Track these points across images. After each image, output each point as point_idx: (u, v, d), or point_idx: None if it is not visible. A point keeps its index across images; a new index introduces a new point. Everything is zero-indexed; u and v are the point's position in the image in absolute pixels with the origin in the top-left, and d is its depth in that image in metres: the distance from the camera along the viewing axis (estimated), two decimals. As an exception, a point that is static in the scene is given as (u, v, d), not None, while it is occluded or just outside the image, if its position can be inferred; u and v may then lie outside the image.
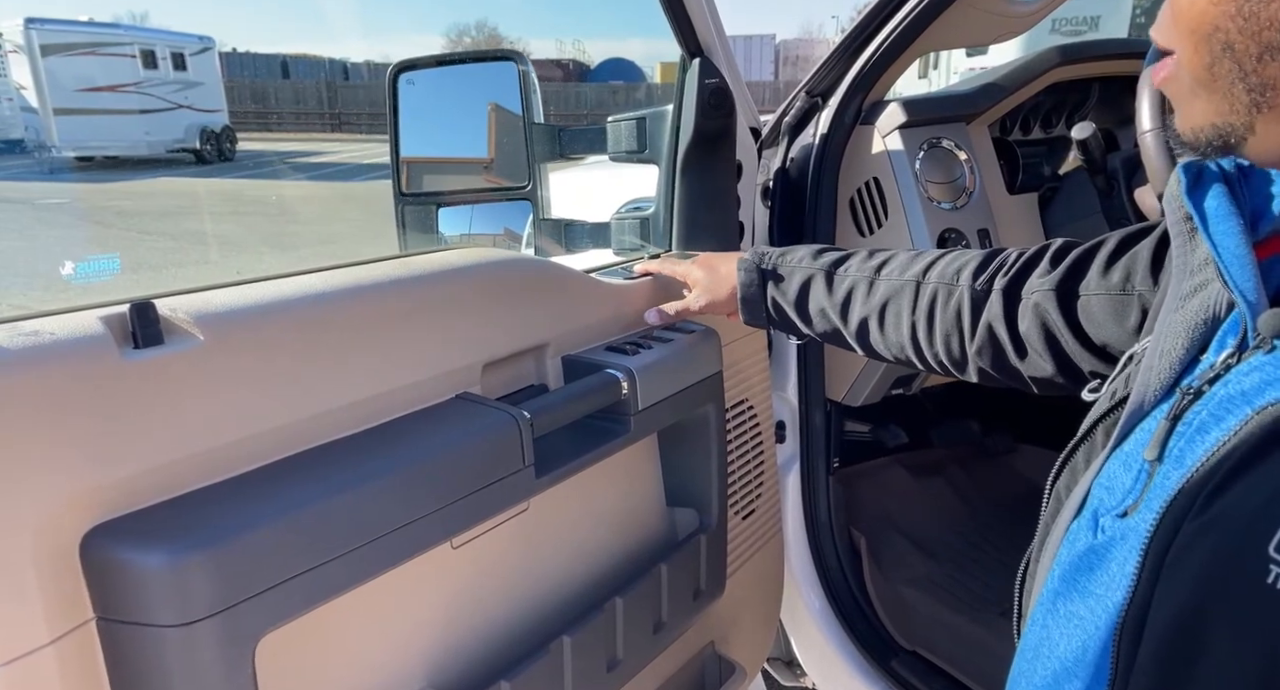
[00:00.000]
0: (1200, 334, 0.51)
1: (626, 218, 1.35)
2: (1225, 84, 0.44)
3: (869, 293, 0.92)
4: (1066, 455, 0.61)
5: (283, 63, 31.36)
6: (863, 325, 0.93)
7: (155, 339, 0.59)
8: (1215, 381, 0.47)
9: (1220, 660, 0.40)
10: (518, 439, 0.77)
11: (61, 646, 0.53)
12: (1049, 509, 0.61)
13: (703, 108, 1.18)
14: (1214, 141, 0.46)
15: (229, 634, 0.56)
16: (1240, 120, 0.44)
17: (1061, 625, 0.51)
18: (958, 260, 0.89)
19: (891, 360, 0.95)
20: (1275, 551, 0.38)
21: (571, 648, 0.85)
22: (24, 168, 14.57)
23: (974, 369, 0.87)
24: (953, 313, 0.86)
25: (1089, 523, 0.52)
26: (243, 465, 0.63)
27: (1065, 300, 0.77)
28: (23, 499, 0.52)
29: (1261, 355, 0.45)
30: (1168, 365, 0.52)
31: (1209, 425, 0.45)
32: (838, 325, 0.95)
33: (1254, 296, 0.46)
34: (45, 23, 15.02)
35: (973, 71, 8.41)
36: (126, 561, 0.53)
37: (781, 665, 1.64)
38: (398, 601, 0.74)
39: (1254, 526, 0.39)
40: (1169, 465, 0.47)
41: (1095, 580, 0.49)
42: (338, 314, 0.72)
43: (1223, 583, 0.41)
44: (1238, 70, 0.43)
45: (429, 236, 1.26)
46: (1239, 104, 0.44)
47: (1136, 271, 0.72)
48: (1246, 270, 0.47)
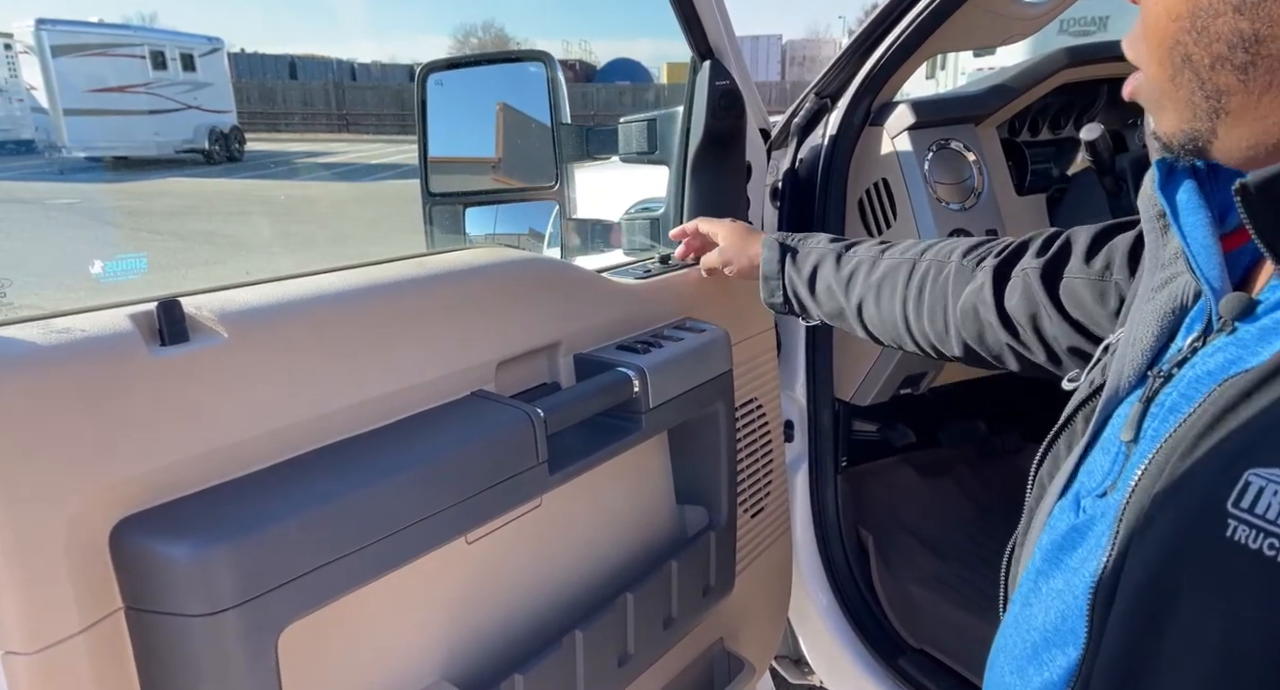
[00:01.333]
0: (1170, 322, 0.55)
1: (637, 218, 1.36)
2: (1186, 93, 0.48)
3: (870, 271, 0.98)
4: (1049, 443, 0.64)
5: (291, 63, 31.44)
6: (861, 303, 0.98)
7: (181, 336, 0.61)
8: (1183, 364, 0.50)
9: (1186, 617, 0.42)
10: (532, 436, 0.79)
11: (91, 635, 0.55)
12: (1033, 495, 0.63)
13: (713, 109, 1.19)
14: (1186, 145, 0.49)
15: (253, 624, 0.57)
16: (1204, 125, 0.48)
17: (1042, 600, 0.53)
18: (954, 243, 0.95)
19: (886, 343, 0.99)
20: (1233, 507, 0.40)
21: (583, 642, 0.86)
22: (34, 168, 14.65)
23: (957, 343, 0.91)
24: (941, 285, 0.92)
25: (1071, 504, 0.55)
26: (266, 460, 0.64)
27: (1050, 280, 0.82)
28: (56, 491, 0.53)
29: (1224, 337, 0.48)
30: (1140, 352, 0.55)
31: (1180, 405, 0.48)
32: (842, 303, 1.00)
33: (1218, 283, 0.49)
34: (55, 24, 15.10)
35: (981, 72, 8.39)
36: (155, 552, 0.55)
37: (789, 663, 1.65)
38: (414, 595, 0.75)
39: (1215, 487, 0.41)
40: (1144, 444, 0.49)
41: (1075, 556, 0.52)
42: (356, 312, 0.73)
43: (1186, 542, 0.43)
44: (1196, 80, 0.47)
45: (456, 236, 1.27)
46: (1200, 111, 0.47)
47: (1115, 261, 0.77)
48: (1212, 259, 0.50)
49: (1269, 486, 0.39)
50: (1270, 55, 0.44)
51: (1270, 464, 0.40)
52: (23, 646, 0.52)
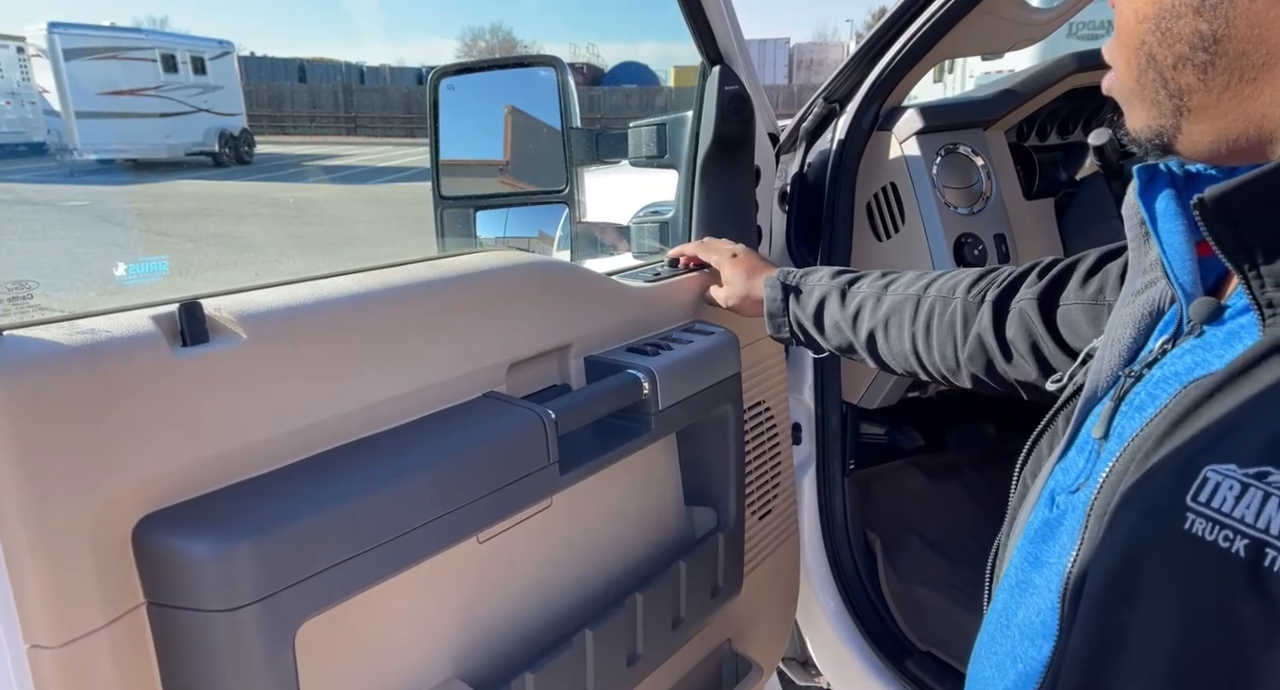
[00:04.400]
0: (1145, 325, 0.57)
1: (646, 221, 1.37)
2: (1152, 91, 0.50)
3: (875, 307, 1.00)
4: (1032, 443, 0.66)
5: (300, 66, 31.59)
6: (870, 337, 1.00)
7: (202, 337, 0.62)
8: (1154, 364, 0.52)
9: (1148, 607, 0.44)
10: (543, 437, 0.80)
11: (114, 629, 0.56)
12: (1016, 494, 0.66)
13: (722, 114, 1.20)
14: (1153, 140, 0.52)
15: (272, 619, 0.58)
16: (1169, 122, 0.50)
17: (1020, 597, 0.55)
18: (956, 276, 0.97)
19: (900, 372, 1.01)
20: (1192, 502, 0.42)
21: (593, 641, 0.87)
22: (47, 170, 14.76)
23: (967, 375, 0.93)
24: (948, 322, 0.93)
25: (1047, 501, 0.57)
26: (284, 459, 0.65)
27: (1047, 309, 0.84)
28: (81, 488, 0.54)
29: (1193, 340, 0.50)
30: (1116, 354, 0.57)
31: (1146, 403, 0.50)
32: (850, 338, 1.02)
33: (1191, 288, 0.51)
34: (68, 27, 15.22)
35: (989, 76, 8.37)
36: (177, 549, 0.56)
37: (797, 665, 1.65)
38: (426, 593, 0.76)
39: (1176, 483, 0.43)
40: (1112, 442, 0.52)
41: (1049, 551, 0.54)
42: (371, 314, 0.74)
43: (1149, 535, 0.45)
44: (1160, 79, 0.49)
45: (467, 239, 1.29)
46: (1165, 108, 0.50)
47: (1108, 283, 0.80)
48: (1186, 264, 0.52)
49: (1225, 481, 0.41)
50: (1227, 54, 0.46)
51: (1226, 460, 0.41)
52: (48, 640, 0.53)
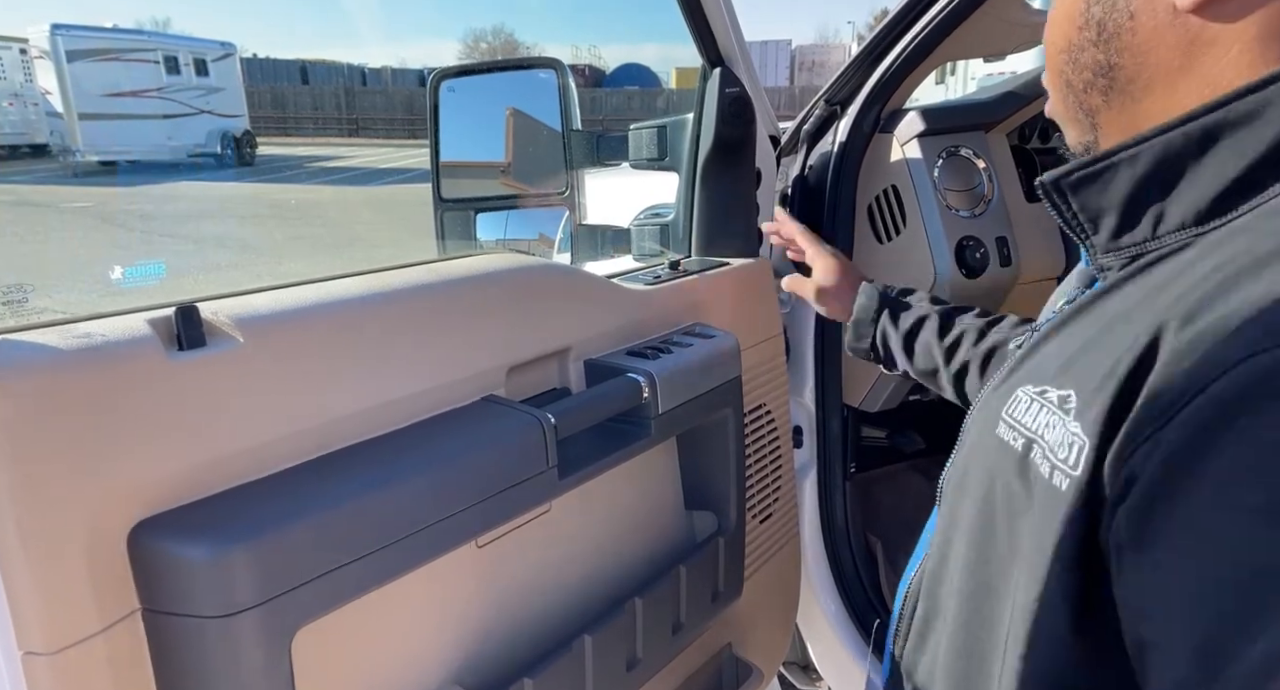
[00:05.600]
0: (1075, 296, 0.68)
1: (646, 224, 1.37)
2: (1073, 112, 0.59)
3: (977, 341, 1.00)
4: None
5: (302, 68, 31.65)
6: (963, 369, 1.01)
7: (198, 341, 0.62)
8: None
9: (970, 493, 0.58)
10: (542, 441, 0.79)
11: (110, 635, 0.55)
12: None
13: (723, 116, 1.19)
14: (1083, 153, 0.60)
15: (268, 626, 0.58)
16: (1089, 137, 0.59)
17: None
18: None
19: None
20: (1005, 414, 0.55)
21: (593, 646, 0.86)
22: (49, 172, 14.79)
23: None
24: None
25: None
26: (281, 463, 0.65)
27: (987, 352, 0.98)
28: (76, 493, 0.54)
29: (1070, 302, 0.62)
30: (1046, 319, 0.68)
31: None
32: (939, 364, 1.02)
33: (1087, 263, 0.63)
34: (70, 28, 15.25)
35: (991, 78, 8.36)
36: (172, 554, 0.56)
37: (797, 669, 1.64)
38: (424, 599, 0.76)
39: (1000, 402, 0.56)
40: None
41: None
42: (369, 318, 0.74)
43: (978, 439, 0.60)
44: (1076, 101, 0.58)
45: (467, 241, 1.29)
46: (1084, 125, 0.59)
47: None
48: None
49: (1024, 397, 0.54)
50: (1120, 80, 0.54)
51: (1029, 383, 0.54)
52: (42, 647, 0.53)
